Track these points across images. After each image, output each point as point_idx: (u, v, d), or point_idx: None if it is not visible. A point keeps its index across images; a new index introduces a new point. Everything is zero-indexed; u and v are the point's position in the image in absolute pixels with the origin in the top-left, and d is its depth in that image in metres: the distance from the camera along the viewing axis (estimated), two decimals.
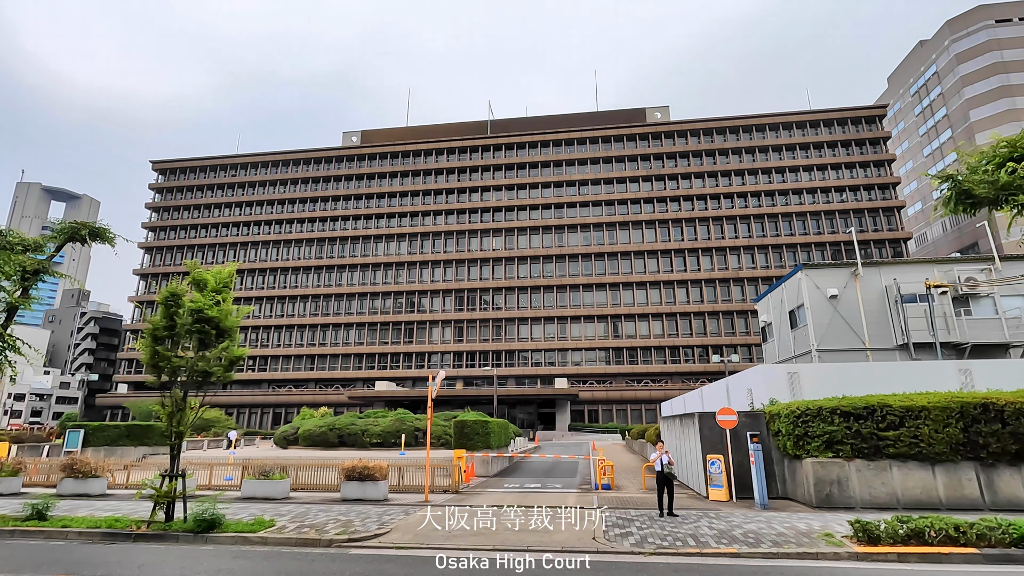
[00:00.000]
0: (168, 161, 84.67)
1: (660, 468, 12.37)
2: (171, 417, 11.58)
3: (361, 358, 70.17)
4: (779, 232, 66.82)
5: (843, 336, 24.76)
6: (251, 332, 72.41)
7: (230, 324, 12.18)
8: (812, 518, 11.62)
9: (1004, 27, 63.74)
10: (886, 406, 12.98)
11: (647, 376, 64.10)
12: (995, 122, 58.93)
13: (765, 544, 9.44)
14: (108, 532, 11.00)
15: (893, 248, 64.12)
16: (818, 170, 68.98)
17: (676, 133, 73.57)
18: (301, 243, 76.68)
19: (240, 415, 70.00)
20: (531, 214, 72.75)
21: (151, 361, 11.73)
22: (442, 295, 70.83)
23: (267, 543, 10.36)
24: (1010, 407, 12.41)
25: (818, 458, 13.05)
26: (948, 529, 8.99)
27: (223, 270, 12.68)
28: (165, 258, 79.58)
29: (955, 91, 65.60)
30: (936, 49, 69.78)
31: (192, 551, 9.93)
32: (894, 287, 24.79)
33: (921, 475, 12.55)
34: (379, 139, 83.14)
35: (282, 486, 15.90)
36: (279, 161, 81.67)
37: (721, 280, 65.63)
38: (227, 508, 13.12)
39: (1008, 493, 12.19)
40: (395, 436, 36.66)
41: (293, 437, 40.32)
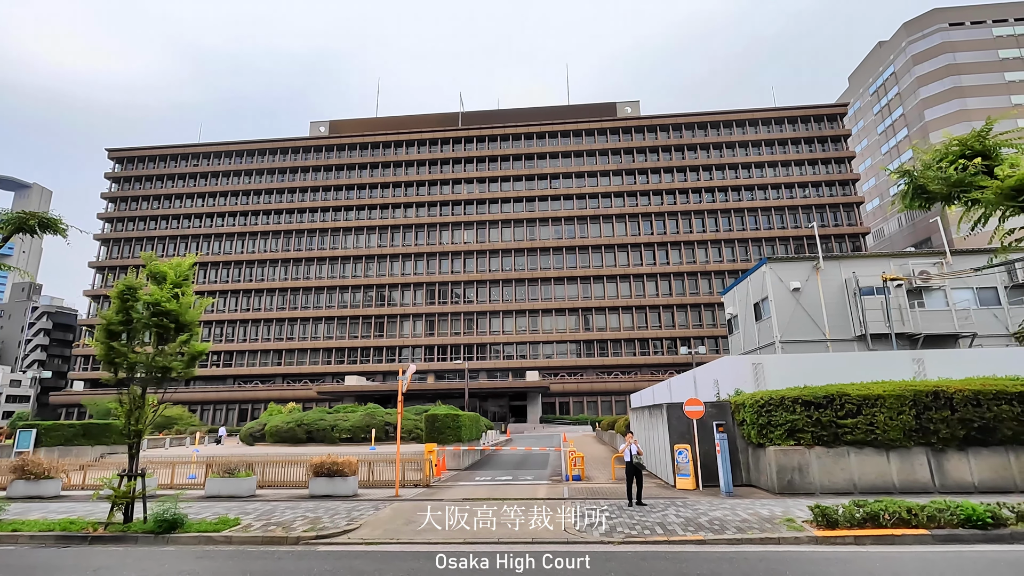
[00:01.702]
0: (126, 149, 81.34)
1: (629, 459, 12.54)
2: (129, 415, 11.17)
3: (330, 352, 69.09)
4: (745, 227, 68.40)
5: (805, 328, 25.54)
6: (216, 327, 70.48)
7: (190, 318, 11.80)
8: (775, 504, 11.97)
9: (957, 30, 66.31)
10: (844, 395, 13.44)
11: (617, 368, 64.97)
12: (948, 121, 61.36)
13: (730, 530, 9.68)
14: (62, 535, 10.57)
15: (852, 243, 66.37)
16: (782, 166, 70.77)
17: (646, 128, 74.36)
18: (268, 235, 74.82)
19: (204, 412, 68.18)
20: (503, 207, 72.60)
21: (106, 357, 11.29)
22: (413, 288, 70.22)
23: (232, 542, 10.12)
24: (959, 395, 13.00)
25: (780, 446, 13.44)
26: (901, 512, 9.38)
27: (182, 262, 12.26)
28: (123, 250, 76.59)
29: (911, 91, 68.02)
30: (894, 50, 72.17)
31: (152, 552, 9.63)
32: (853, 280, 25.66)
33: (877, 461, 13.06)
34: (348, 129, 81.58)
35: (248, 484, 15.56)
36: (244, 151, 79.36)
37: (689, 273, 66.87)
38: (190, 507, 12.78)
39: (956, 476, 12.79)
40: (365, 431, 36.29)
41: (260, 434, 39.51)
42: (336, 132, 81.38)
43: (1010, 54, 64.72)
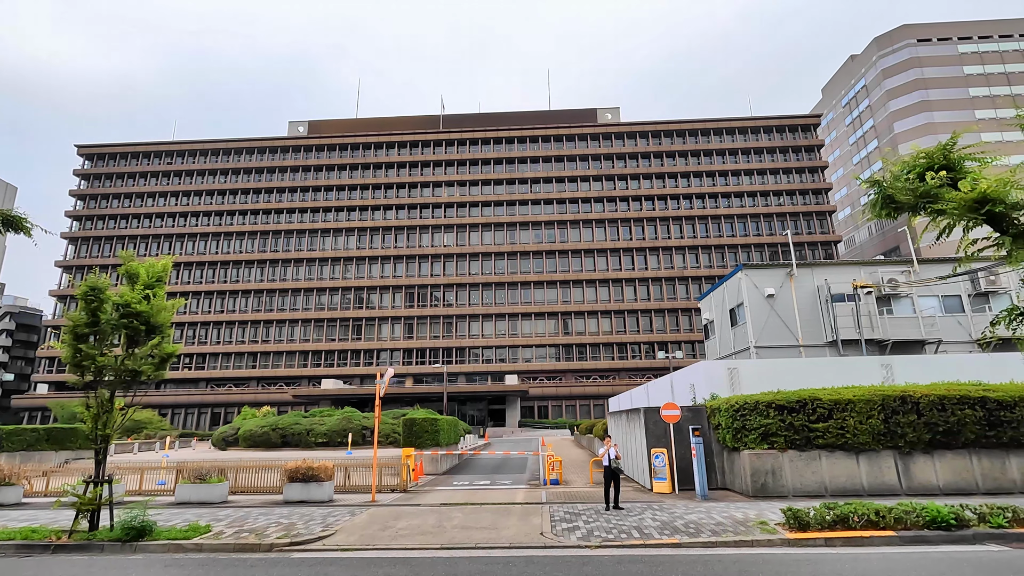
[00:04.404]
0: (96, 146, 79.13)
1: (608, 463, 12.61)
2: (96, 419, 10.84)
3: (307, 355, 68.07)
4: (721, 233, 69.54)
5: (779, 333, 26.04)
6: (188, 328, 68.87)
7: (162, 320, 11.51)
8: (748, 507, 12.17)
9: (925, 46, 68.64)
10: (816, 399, 13.74)
11: (595, 372, 65.35)
12: (916, 134, 63.40)
13: (705, 534, 9.80)
14: (24, 544, 10.20)
15: (825, 250, 67.96)
16: (758, 174, 72.20)
17: (626, 134, 75.18)
18: (243, 236, 73.46)
19: (175, 416, 66.49)
20: (483, 211, 72.57)
21: (73, 360, 10.95)
22: (392, 291, 69.66)
23: (202, 550, 9.89)
24: (925, 399, 13.41)
25: (755, 450, 13.67)
26: (870, 514, 9.62)
27: (157, 263, 11.96)
28: (92, 249, 74.40)
29: (881, 104, 70.11)
30: (865, 64, 74.32)
31: (119, 561, 9.35)
32: (825, 287, 26.28)
33: (847, 464, 13.37)
34: (327, 130, 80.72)
35: (220, 490, 15.23)
36: (220, 149, 77.89)
37: (667, 279, 67.69)
38: (159, 514, 12.46)
39: (922, 479, 13.17)
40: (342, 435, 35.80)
41: (233, 438, 38.68)
42: (315, 132, 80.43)
43: (974, 70, 67.18)
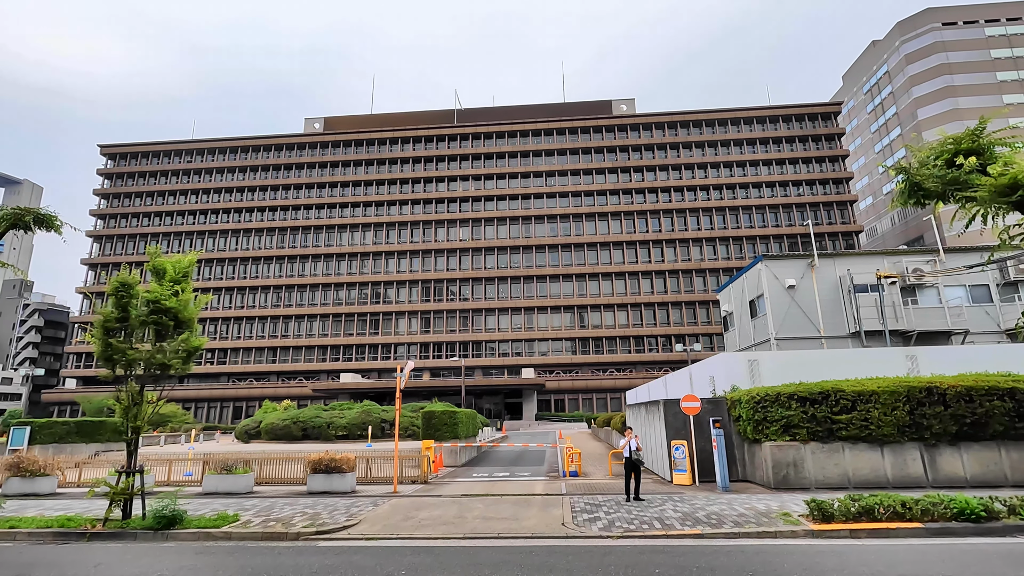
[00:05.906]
0: (118, 145, 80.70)
1: (628, 454, 12.61)
2: (127, 411, 11.14)
3: (325, 350, 68.93)
4: (739, 224, 68.68)
5: (800, 325, 25.72)
6: (210, 324, 70.13)
7: (190, 314, 11.78)
8: (770, 499, 12.09)
9: (950, 30, 66.74)
10: (839, 391, 13.57)
11: (612, 365, 65.17)
12: (940, 121, 61.77)
13: (727, 525, 9.78)
14: (60, 532, 10.55)
15: (846, 240, 66.79)
16: (777, 164, 71.08)
17: (641, 126, 74.47)
18: (262, 232, 74.48)
19: (199, 409, 67.90)
20: (498, 204, 72.58)
21: (104, 354, 11.24)
22: (408, 285, 70.12)
23: (231, 538, 10.13)
24: (951, 391, 13.16)
25: (776, 442, 13.56)
26: (896, 506, 9.50)
27: (183, 259, 12.22)
28: (116, 247, 76.06)
29: (904, 90, 68.42)
30: (887, 49, 72.53)
31: (152, 548, 9.63)
32: (847, 277, 25.86)
33: (870, 456, 13.20)
34: (343, 126, 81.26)
35: (245, 480, 15.55)
36: (238, 147, 78.92)
37: (684, 271, 67.11)
38: (188, 504, 12.77)
39: (949, 471, 12.95)
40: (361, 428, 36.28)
41: (255, 431, 39.42)
42: (331, 129, 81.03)
43: (1002, 54, 65.20)
